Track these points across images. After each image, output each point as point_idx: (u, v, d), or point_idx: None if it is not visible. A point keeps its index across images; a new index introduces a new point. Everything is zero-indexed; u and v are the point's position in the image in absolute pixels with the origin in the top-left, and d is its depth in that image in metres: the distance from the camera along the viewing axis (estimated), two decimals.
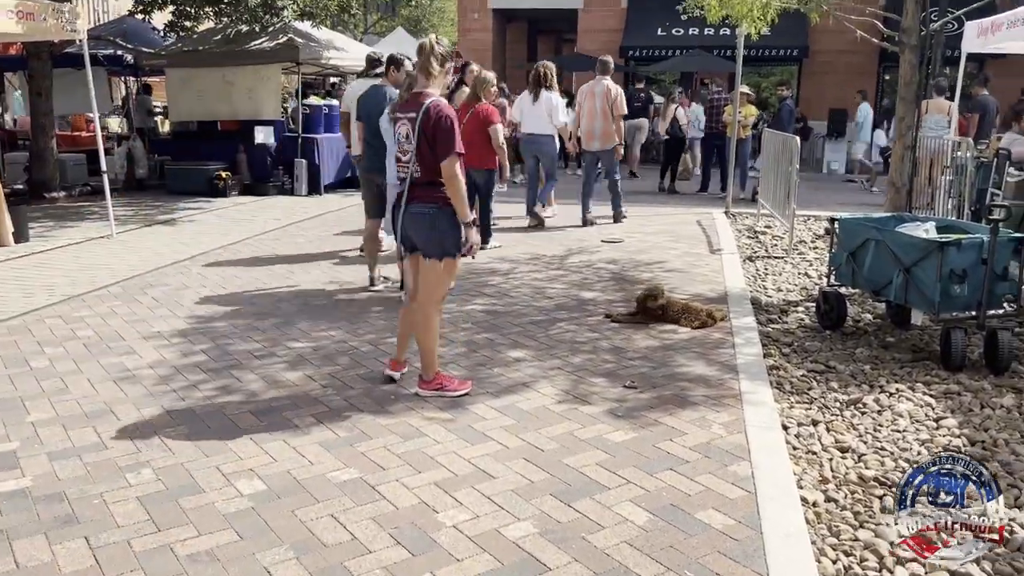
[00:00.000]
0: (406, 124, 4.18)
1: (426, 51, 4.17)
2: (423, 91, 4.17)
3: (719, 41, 19.19)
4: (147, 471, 3.47)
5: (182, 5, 12.14)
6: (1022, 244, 5.23)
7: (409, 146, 4.16)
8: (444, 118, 4.06)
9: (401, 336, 4.60)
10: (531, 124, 9.77)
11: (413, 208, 4.21)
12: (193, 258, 7.97)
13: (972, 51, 9.77)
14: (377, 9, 34.57)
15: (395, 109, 4.33)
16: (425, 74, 4.18)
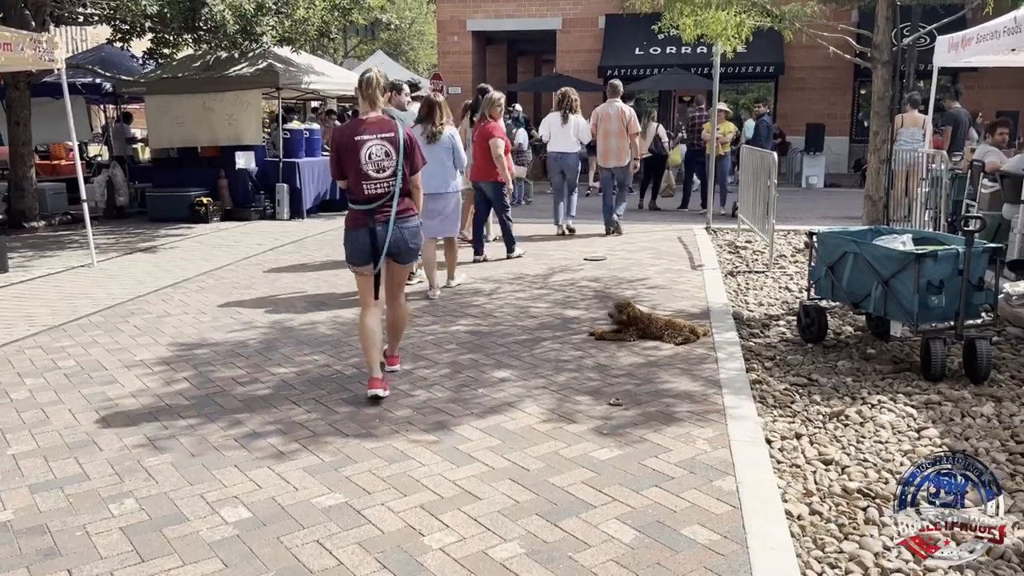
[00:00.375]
0: (382, 144, 4.61)
1: (374, 83, 4.66)
2: (382, 117, 4.70)
3: (696, 59, 19.42)
4: (130, 501, 3.45)
5: (160, 33, 12.15)
6: (997, 254, 5.31)
7: (389, 163, 4.61)
8: (414, 139, 4.78)
9: (375, 351, 4.75)
10: (560, 144, 10.62)
11: (411, 222, 4.76)
12: (175, 285, 7.94)
13: (944, 65, 9.94)
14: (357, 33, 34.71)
15: (359, 131, 4.63)
16: (372, 102, 4.68)
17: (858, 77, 19.96)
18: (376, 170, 4.57)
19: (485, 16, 22.70)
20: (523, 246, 9.41)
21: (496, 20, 22.72)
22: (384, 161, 4.58)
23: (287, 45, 12.57)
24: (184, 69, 13.20)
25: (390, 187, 4.60)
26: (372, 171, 4.57)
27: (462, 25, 22.89)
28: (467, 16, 22.78)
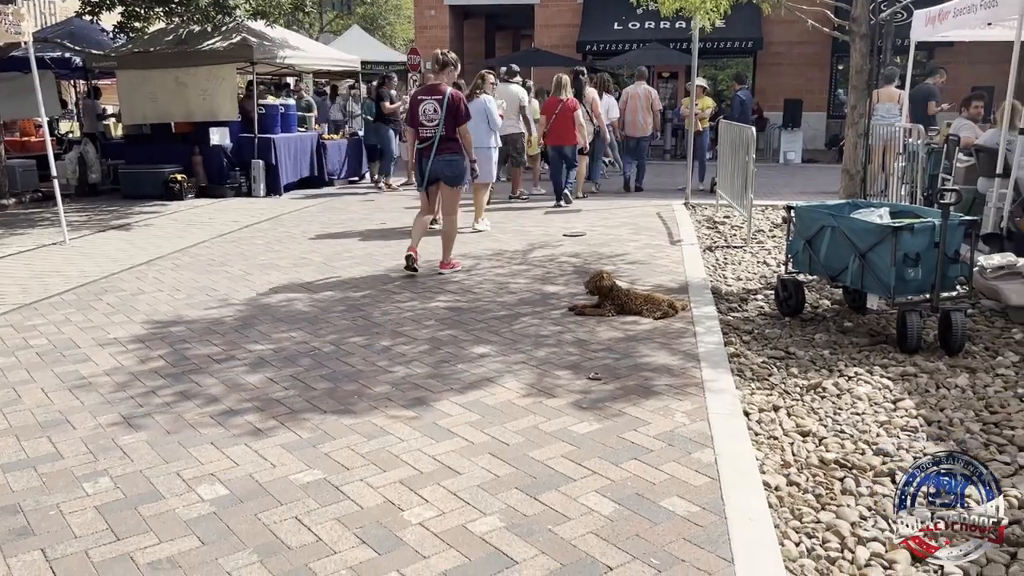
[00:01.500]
0: (433, 102, 6.97)
1: (437, 59, 7.17)
2: (438, 84, 7.12)
3: (675, 34, 19.36)
4: (105, 480, 3.41)
5: (131, 6, 11.90)
6: (972, 227, 5.35)
7: (436, 116, 6.96)
8: (461, 100, 7.03)
9: (416, 234, 7.26)
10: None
11: (444, 157, 7.04)
12: (149, 263, 7.83)
13: (921, 39, 9.96)
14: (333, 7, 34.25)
15: (418, 93, 7.17)
16: (435, 73, 7.19)
17: (836, 52, 19.99)
18: (428, 120, 6.97)
19: None
20: (504, 221, 9.37)
21: None
22: (432, 115, 6.95)
23: (261, 19, 12.36)
24: (156, 43, 12.95)
25: (434, 133, 6.96)
26: (424, 121, 6.99)
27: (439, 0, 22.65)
28: None
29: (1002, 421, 3.94)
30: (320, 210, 11.37)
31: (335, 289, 6.65)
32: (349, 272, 7.29)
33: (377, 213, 10.97)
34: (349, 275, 7.17)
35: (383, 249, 8.34)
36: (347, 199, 12.62)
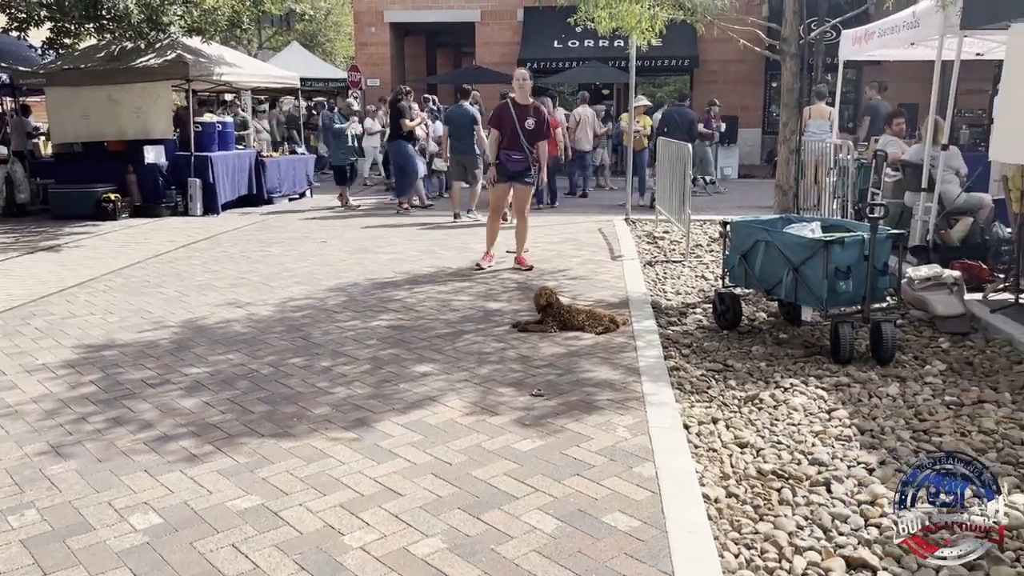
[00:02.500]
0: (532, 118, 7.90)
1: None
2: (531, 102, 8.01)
3: (613, 52, 19.64)
4: (31, 512, 3.28)
5: (60, 22, 11.59)
6: (900, 240, 5.53)
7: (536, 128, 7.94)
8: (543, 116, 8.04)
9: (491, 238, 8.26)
10: None
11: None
12: (81, 285, 7.61)
13: (849, 58, 10.30)
14: (272, 24, 33.89)
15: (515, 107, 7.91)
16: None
17: (769, 70, 20.51)
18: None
19: (403, 7, 22.47)
20: (446, 239, 9.36)
21: (414, 11, 22.51)
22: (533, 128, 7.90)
23: (196, 36, 12.17)
24: (87, 60, 12.64)
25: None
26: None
27: (379, 16, 22.61)
28: (384, 7, 22.50)
29: (930, 428, 4.06)
30: (259, 228, 11.20)
31: (274, 309, 6.55)
32: (288, 291, 7.19)
33: (318, 231, 10.85)
34: (288, 294, 7.07)
35: (323, 268, 8.25)
36: (287, 217, 12.46)
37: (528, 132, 7.75)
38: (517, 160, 7.83)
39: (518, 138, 7.73)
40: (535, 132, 7.80)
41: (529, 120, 7.75)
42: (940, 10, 7.06)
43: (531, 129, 7.76)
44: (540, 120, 7.82)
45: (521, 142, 7.74)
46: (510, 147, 7.80)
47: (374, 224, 11.51)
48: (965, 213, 7.54)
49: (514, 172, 7.89)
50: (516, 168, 7.86)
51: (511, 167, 7.85)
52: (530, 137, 7.78)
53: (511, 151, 7.80)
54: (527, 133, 7.74)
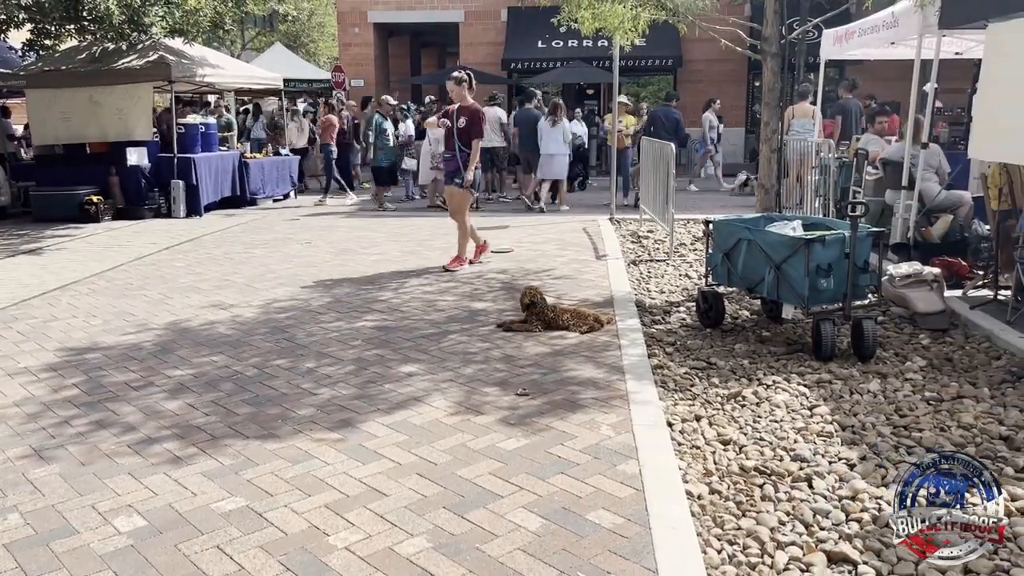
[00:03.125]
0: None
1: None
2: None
3: (597, 53, 19.69)
4: (14, 516, 3.27)
5: (41, 23, 11.50)
6: (880, 238, 5.58)
7: None
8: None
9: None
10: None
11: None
12: (63, 288, 7.56)
13: (830, 58, 10.38)
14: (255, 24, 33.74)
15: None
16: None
17: (752, 70, 20.61)
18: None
19: (386, 8, 22.43)
20: (431, 239, 9.36)
21: (397, 12, 22.48)
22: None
23: (178, 36, 12.10)
24: (68, 61, 12.55)
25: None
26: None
27: (363, 17, 22.55)
28: (368, 8, 22.45)
29: (911, 424, 4.11)
30: (242, 230, 11.16)
31: (258, 311, 6.54)
32: (272, 293, 7.17)
33: (302, 232, 10.83)
34: (272, 296, 7.05)
35: (307, 269, 8.23)
36: (271, 219, 12.42)
37: (460, 131, 7.81)
38: (448, 160, 8.04)
39: (452, 139, 7.89)
40: (465, 131, 7.81)
41: (461, 120, 7.81)
42: (919, 10, 7.13)
43: (462, 127, 7.80)
44: (471, 120, 7.82)
45: (454, 143, 7.85)
46: (446, 148, 8.06)
47: (359, 225, 11.50)
48: (945, 211, 7.62)
49: (448, 173, 8.10)
50: (449, 168, 8.07)
51: (445, 167, 8.17)
52: (461, 136, 7.82)
53: (445, 152, 8.12)
54: (459, 132, 7.81)
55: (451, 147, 7.92)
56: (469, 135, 7.82)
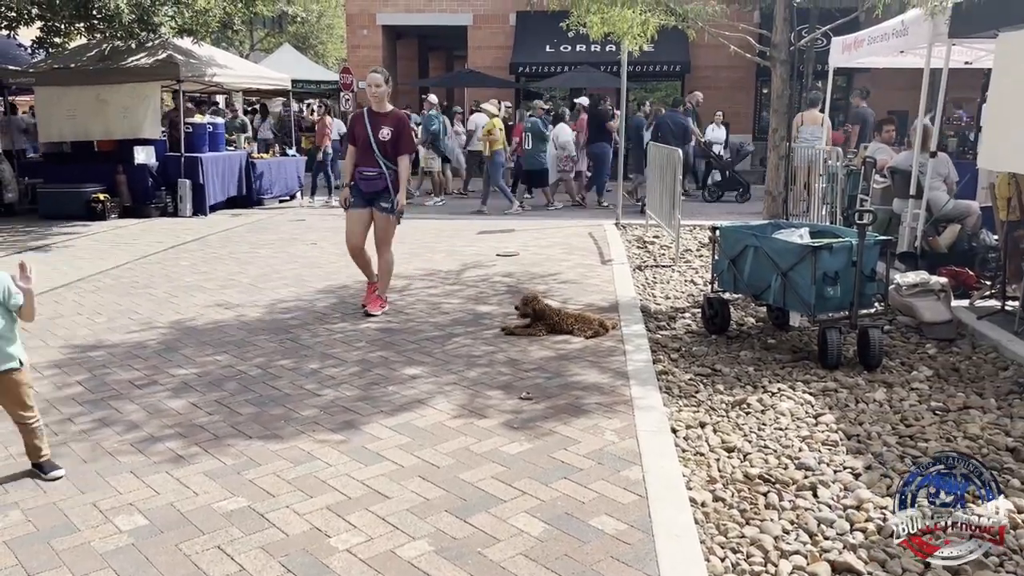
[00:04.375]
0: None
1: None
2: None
3: (605, 57, 19.69)
4: (15, 513, 3.26)
5: (50, 21, 11.54)
6: (888, 246, 5.55)
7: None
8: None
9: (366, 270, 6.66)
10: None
11: None
12: (68, 285, 7.57)
13: (839, 65, 10.36)
14: (264, 25, 33.86)
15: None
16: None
17: (761, 76, 20.59)
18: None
19: (395, 10, 22.47)
20: (435, 242, 9.35)
21: (406, 14, 22.52)
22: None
23: (188, 36, 12.14)
24: (77, 59, 12.59)
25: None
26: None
27: (372, 19, 22.60)
28: (377, 10, 22.49)
29: (916, 434, 4.08)
30: (248, 230, 11.17)
31: (263, 311, 6.54)
32: (277, 293, 7.17)
33: (307, 232, 10.83)
34: (277, 296, 7.05)
35: (313, 270, 8.23)
36: (277, 219, 12.43)
37: (383, 144, 6.22)
38: (371, 178, 6.28)
39: (371, 152, 6.22)
40: (392, 144, 6.25)
41: (384, 131, 6.22)
42: (929, 19, 7.11)
43: (386, 141, 6.22)
44: (399, 131, 6.27)
45: (376, 157, 6.22)
46: (364, 163, 6.29)
47: None
48: (953, 220, 7.59)
49: (370, 193, 6.34)
50: (371, 188, 6.30)
51: (365, 187, 6.30)
52: (386, 151, 6.24)
53: (365, 167, 6.28)
54: (382, 146, 6.23)
55: (372, 163, 6.25)
56: (397, 149, 6.29)
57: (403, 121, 6.35)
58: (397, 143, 6.25)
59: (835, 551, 3.00)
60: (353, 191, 6.36)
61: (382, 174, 6.25)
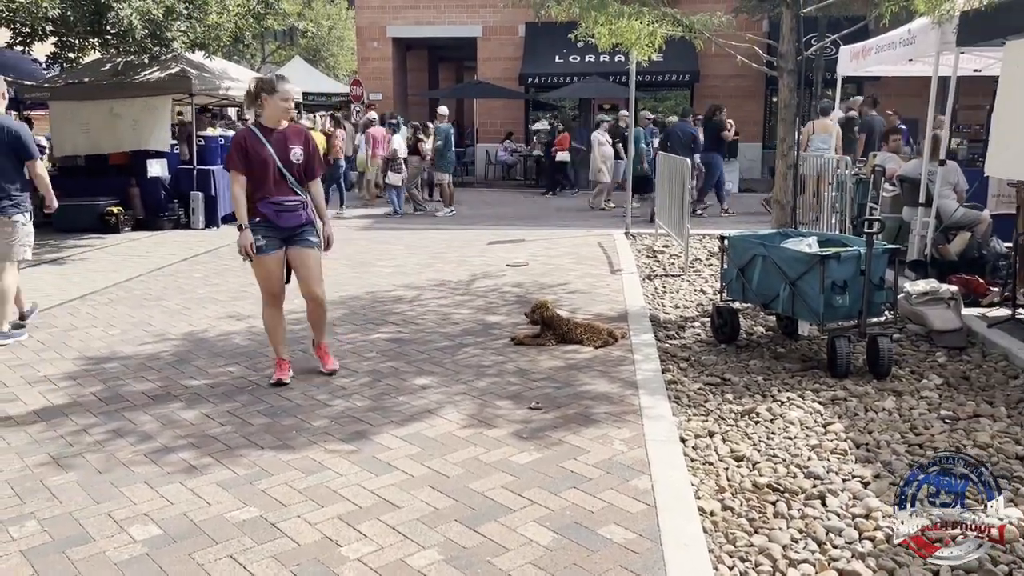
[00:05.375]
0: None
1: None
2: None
3: (614, 68, 19.74)
4: (32, 523, 3.31)
5: (65, 36, 11.69)
6: (896, 255, 5.56)
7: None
8: None
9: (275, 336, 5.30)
10: None
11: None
12: (83, 298, 7.65)
13: (847, 74, 10.37)
14: (275, 38, 34.13)
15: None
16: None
17: (769, 85, 20.59)
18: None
19: (405, 23, 22.62)
20: (446, 251, 9.38)
21: (416, 27, 22.66)
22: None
23: (200, 51, 12.26)
24: (92, 74, 12.73)
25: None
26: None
27: (382, 31, 22.75)
28: (387, 22, 22.65)
29: (926, 443, 4.08)
30: None
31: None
32: (288, 304, 7.18)
33: None
34: (288, 307, 7.06)
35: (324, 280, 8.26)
36: None
37: (297, 167, 4.99)
38: (292, 209, 4.98)
39: (283, 178, 4.94)
40: (306, 167, 5.05)
41: (295, 151, 4.97)
42: (936, 27, 7.12)
43: (300, 163, 5.00)
44: (310, 150, 5.08)
45: (290, 184, 4.96)
46: (276, 193, 4.93)
47: (376, 238, 11.57)
48: (963, 228, 7.58)
49: (290, 229, 5.02)
50: (293, 223, 5.00)
51: (285, 221, 4.97)
52: (300, 175, 5.03)
53: (280, 198, 4.93)
54: (296, 170, 4.99)
55: (287, 191, 4.96)
56: (311, 172, 5.11)
57: (310, 137, 5.17)
58: (310, 165, 5.09)
59: (843, 560, 3.01)
60: (261, 230, 4.97)
61: (304, 203, 5.05)
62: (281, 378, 5.03)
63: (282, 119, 5.03)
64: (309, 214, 5.11)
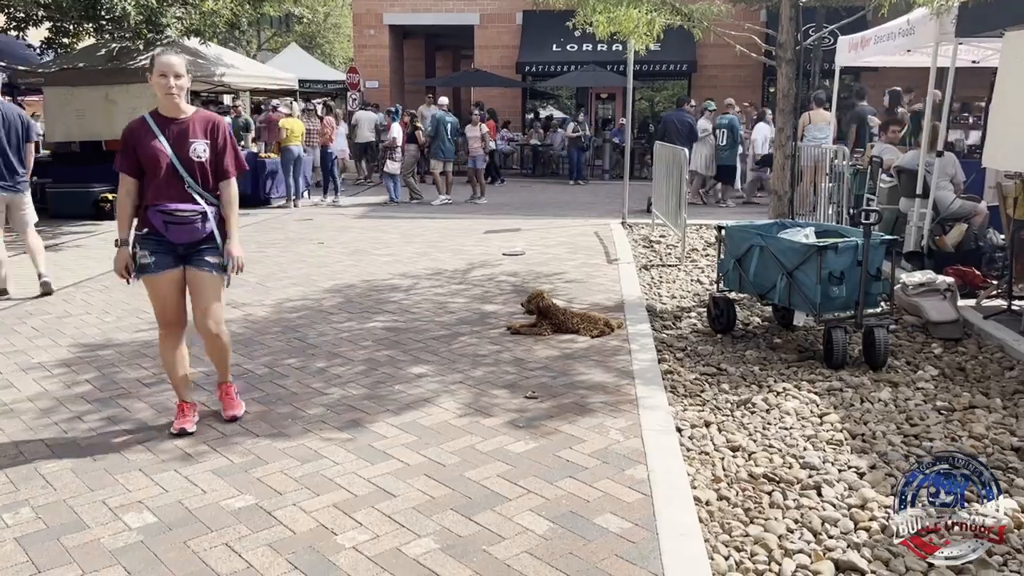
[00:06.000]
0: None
1: None
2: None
3: (612, 57, 19.70)
4: (26, 510, 3.30)
5: (59, 22, 11.61)
6: (893, 246, 5.55)
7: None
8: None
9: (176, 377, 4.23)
10: None
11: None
12: (77, 284, 7.62)
13: (845, 64, 10.34)
14: (271, 25, 33.94)
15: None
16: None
17: (767, 75, 20.57)
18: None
19: (402, 10, 22.52)
20: (442, 240, 9.37)
21: (413, 14, 22.57)
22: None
23: (195, 37, 12.19)
24: (86, 59, 12.66)
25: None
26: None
27: (378, 19, 22.65)
28: (383, 10, 22.55)
29: (921, 433, 4.08)
30: (255, 230, 11.21)
31: (270, 310, 6.57)
32: (284, 292, 7.20)
33: (315, 232, 10.87)
34: (284, 295, 7.08)
35: (320, 269, 8.26)
36: (283, 218, 12.48)
37: (200, 166, 3.97)
38: (186, 220, 3.94)
39: (178, 180, 3.94)
40: (212, 164, 4.03)
41: (196, 145, 3.96)
42: (935, 18, 7.09)
43: (203, 160, 3.98)
44: (219, 141, 4.05)
45: (187, 187, 3.95)
46: (168, 198, 3.93)
47: (372, 227, 11.54)
48: (959, 219, 7.58)
49: (183, 245, 4.01)
50: (187, 237, 3.98)
51: (174, 236, 3.97)
52: (202, 174, 3.99)
53: (172, 205, 3.92)
54: (196, 169, 3.97)
55: (182, 196, 3.94)
56: (219, 171, 4.07)
57: (220, 127, 4.10)
58: (220, 162, 4.06)
59: (839, 550, 3.01)
60: (150, 244, 4.00)
61: (202, 213, 3.97)
62: (184, 427, 4.05)
63: (174, 103, 3.98)
64: (211, 227, 4.00)
